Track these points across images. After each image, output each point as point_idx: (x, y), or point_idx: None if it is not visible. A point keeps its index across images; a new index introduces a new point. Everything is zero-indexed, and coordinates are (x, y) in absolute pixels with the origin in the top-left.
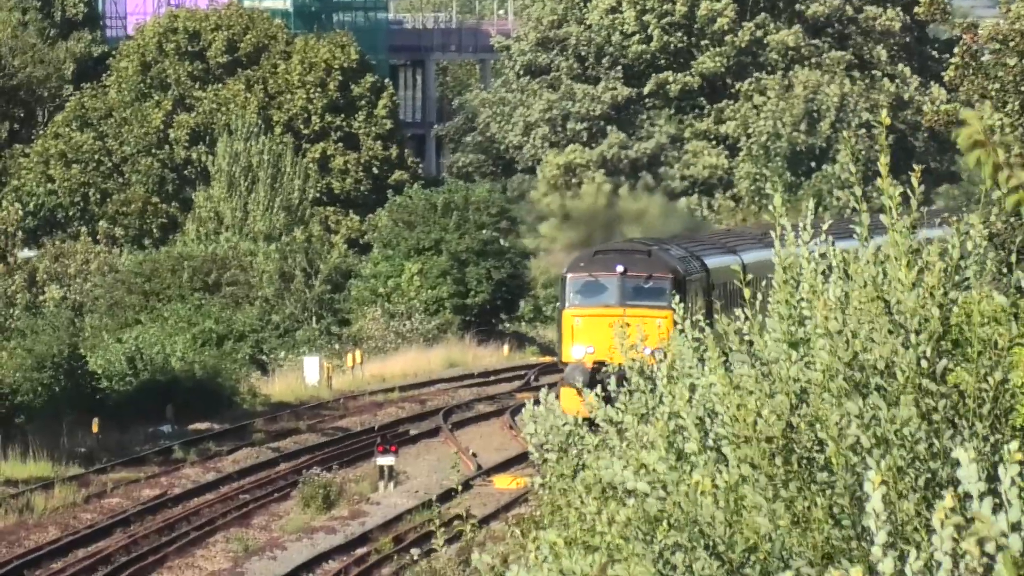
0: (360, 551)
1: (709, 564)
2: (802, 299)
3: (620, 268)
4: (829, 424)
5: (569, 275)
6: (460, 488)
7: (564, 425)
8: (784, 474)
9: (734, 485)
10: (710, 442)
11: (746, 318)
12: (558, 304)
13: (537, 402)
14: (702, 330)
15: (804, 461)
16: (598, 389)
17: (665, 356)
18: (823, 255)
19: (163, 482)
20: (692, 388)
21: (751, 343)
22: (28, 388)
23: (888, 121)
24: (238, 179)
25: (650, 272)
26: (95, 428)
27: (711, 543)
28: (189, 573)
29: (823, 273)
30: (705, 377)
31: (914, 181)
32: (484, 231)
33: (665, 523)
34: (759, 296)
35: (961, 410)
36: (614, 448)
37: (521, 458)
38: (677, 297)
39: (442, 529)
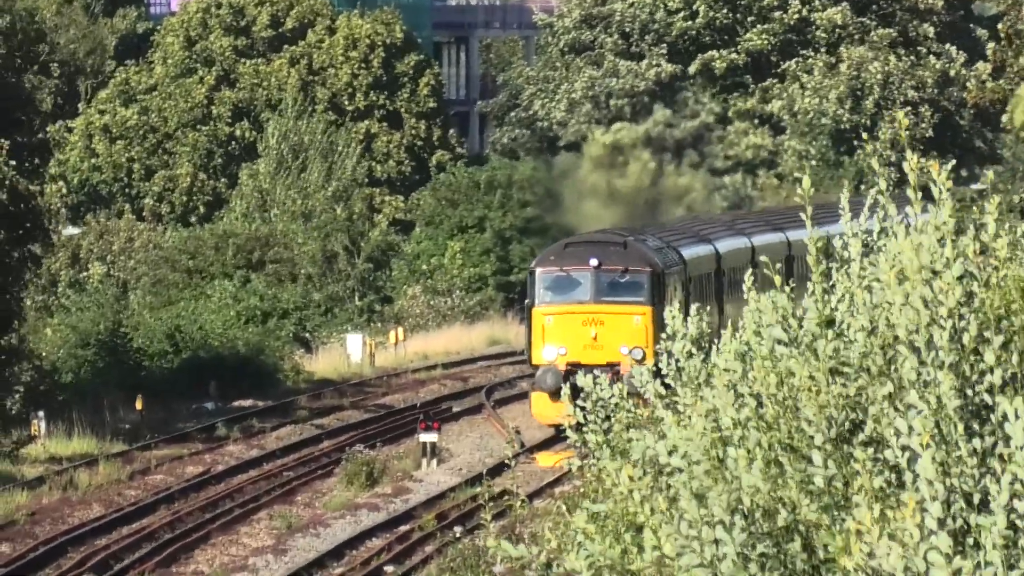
0: (403, 528)
1: (748, 534)
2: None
3: (594, 262)
4: (878, 396)
5: (539, 270)
6: (510, 463)
7: (610, 399)
8: (833, 447)
9: (775, 458)
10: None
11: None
12: (526, 301)
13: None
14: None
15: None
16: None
17: (644, 358)
18: (866, 232)
19: (207, 459)
20: (744, 358)
21: (789, 321)
22: (72, 365)
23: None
24: (287, 157)
25: (626, 265)
26: (139, 405)
27: (752, 514)
28: (233, 550)
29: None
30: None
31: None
32: (527, 209)
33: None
34: (750, 283)
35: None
36: (663, 422)
37: (564, 435)
38: (655, 293)
39: (491, 504)
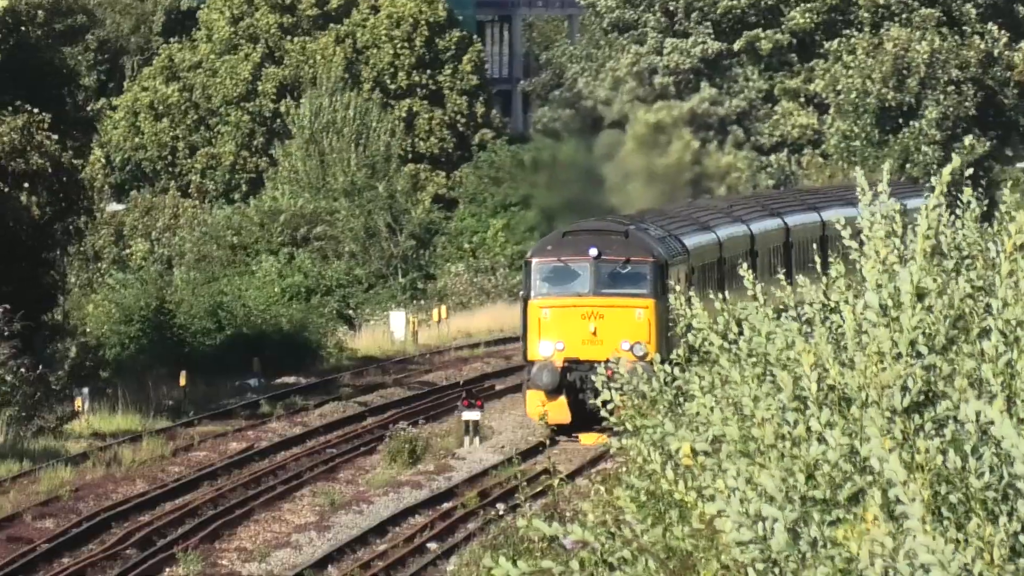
0: (446, 506)
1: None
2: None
3: (593, 251)
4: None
5: (535, 260)
6: (546, 442)
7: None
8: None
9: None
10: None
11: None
12: (521, 294)
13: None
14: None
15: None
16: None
17: (646, 354)
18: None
19: (250, 436)
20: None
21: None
22: (116, 341)
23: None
24: (319, 135)
25: (628, 255)
26: (182, 381)
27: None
28: (276, 527)
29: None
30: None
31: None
32: (571, 188)
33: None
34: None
35: None
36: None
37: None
38: (658, 284)
39: (525, 484)
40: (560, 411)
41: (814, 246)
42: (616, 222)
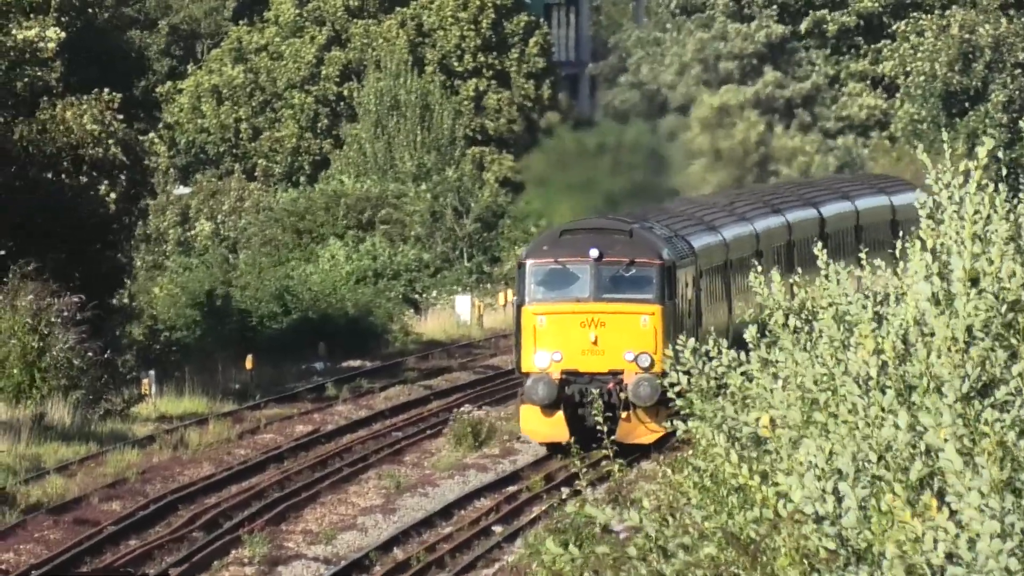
0: (511, 489)
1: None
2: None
3: (594, 252)
4: None
5: (529, 261)
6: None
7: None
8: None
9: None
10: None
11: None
12: (515, 299)
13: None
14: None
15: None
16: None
17: (652, 365)
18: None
19: (316, 418)
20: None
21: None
22: (182, 325)
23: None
24: (385, 117)
25: (632, 257)
26: (249, 365)
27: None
28: (342, 509)
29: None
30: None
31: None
32: (636, 172)
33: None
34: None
35: None
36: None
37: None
38: (665, 289)
39: (585, 469)
40: (557, 428)
41: (817, 241)
42: (619, 220)
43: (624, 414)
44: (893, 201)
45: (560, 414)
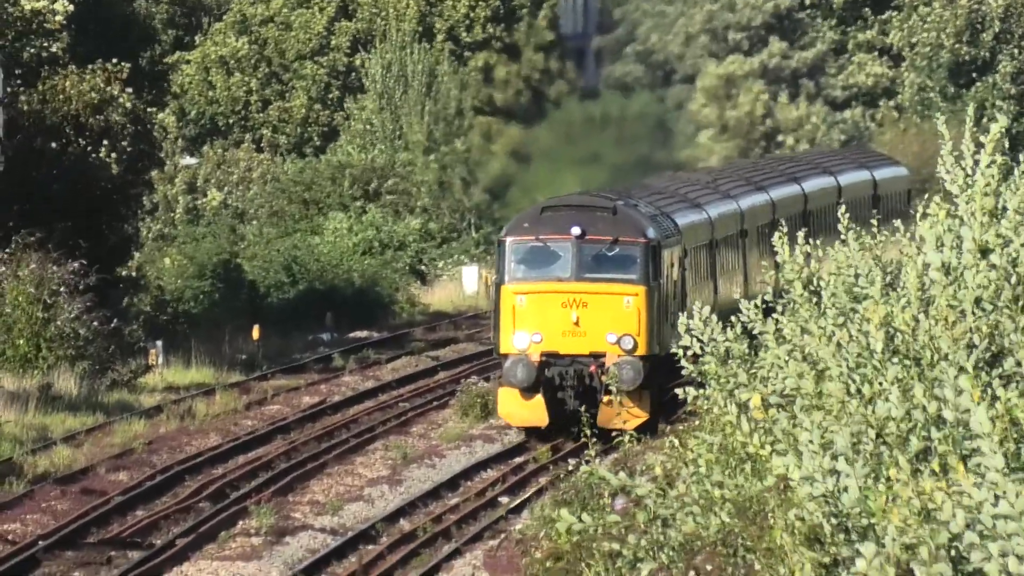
0: (518, 460)
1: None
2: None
3: (576, 230)
4: None
5: (509, 239)
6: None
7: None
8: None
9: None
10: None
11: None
12: (495, 278)
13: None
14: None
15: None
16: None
17: (635, 347)
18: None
19: (322, 389)
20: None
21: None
22: (190, 295)
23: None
24: (392, 88)
25: (616, 235)
26: (256, 335)
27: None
28: (348, 480)
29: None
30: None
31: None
32: (640, 144)
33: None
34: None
35: None
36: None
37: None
38: (649, 269)
39: (594, 440)
40: (536, 412)
41: (800, 219)
42: (603, 197)
43: (606, 398)
44: (875, 175)
45: (540, 397)
